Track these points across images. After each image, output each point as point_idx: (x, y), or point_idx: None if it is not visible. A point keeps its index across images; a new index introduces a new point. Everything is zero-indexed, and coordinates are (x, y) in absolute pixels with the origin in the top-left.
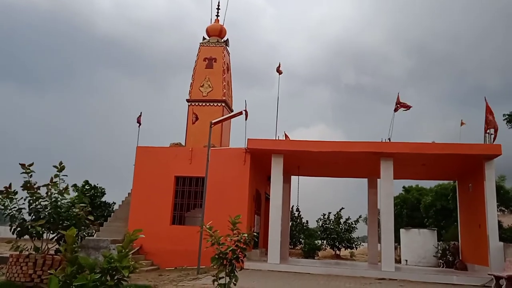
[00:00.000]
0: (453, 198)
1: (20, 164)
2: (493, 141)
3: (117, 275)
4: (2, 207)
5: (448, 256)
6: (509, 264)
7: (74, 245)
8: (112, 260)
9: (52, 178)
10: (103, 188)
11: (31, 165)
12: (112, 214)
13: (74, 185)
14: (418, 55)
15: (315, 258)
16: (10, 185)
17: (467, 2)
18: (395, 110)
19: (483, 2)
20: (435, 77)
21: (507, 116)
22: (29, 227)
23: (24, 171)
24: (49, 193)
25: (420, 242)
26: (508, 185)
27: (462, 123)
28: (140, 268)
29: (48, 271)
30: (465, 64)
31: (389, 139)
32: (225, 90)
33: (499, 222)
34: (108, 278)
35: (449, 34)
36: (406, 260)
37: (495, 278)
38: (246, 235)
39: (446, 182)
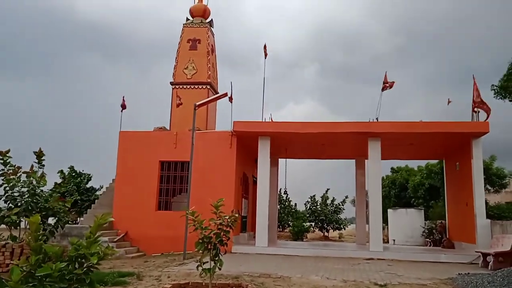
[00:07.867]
0: (441, 177)
1: None
2: (486, 120)
3: (86, 262)
4: None
5: (435, 235)
6: (495, 241)
7: (38, 233)
8: (80, 247)
9: (32, 166)
10: (89, 174)
11: (8, 151)
12: (96, 200)
13: (61, 171)
14: (405, 33)
15: (304, 240)
16: None
17: None
18: (383, 89)
19: None
20: (423, 57)
21: (495, 87)
22: (4, 216)
23: (1, 158)
24: (27, 182)
25: (407, 221)
26: (499, 164)
27: (449, 101)
28: (113, 254)
29: (11, 262)
30: (454, 44)
31: (376, 119)
32: (210, 72)
33: (485, 200)
34: (77, 266)
35: (438, 14)
36: (394, 240)
37: (482, 255)
38: (228, 217)
39: (435, 161)
